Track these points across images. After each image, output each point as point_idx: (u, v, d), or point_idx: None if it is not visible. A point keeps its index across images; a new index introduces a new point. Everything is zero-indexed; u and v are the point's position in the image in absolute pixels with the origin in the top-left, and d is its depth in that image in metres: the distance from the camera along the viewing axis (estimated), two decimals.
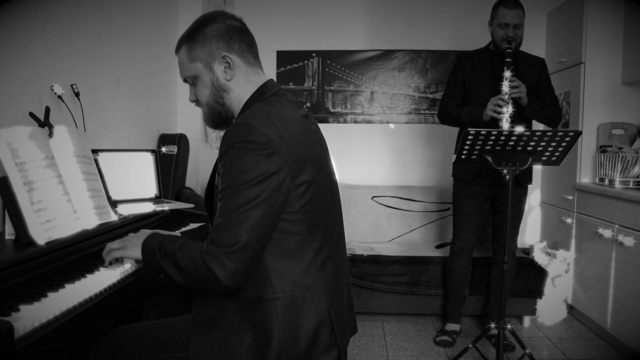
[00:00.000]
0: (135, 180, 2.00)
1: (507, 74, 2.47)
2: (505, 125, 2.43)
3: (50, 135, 1.48)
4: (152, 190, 2.06)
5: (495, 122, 2.49)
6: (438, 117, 2.86)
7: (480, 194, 2.72)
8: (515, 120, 2.50)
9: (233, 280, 1.12)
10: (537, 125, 2.87)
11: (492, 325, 2.38)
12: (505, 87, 2.46)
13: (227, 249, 1.10)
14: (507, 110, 2.44)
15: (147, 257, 1.24)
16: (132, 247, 1.29)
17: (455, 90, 2.75)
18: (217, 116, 1.33)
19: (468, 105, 2.71)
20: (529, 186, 2.78)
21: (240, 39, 1.28)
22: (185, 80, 1.34)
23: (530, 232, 3.79)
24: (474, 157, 2.22)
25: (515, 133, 2.07)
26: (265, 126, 1.15)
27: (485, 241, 3.27)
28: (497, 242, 2.79)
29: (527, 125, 2.61)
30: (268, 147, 1.13)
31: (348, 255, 1.42)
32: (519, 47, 2.62)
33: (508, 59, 2.48)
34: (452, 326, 2.87)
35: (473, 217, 2.76)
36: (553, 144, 2.11)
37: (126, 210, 1.76)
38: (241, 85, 1.29)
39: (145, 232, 1.35)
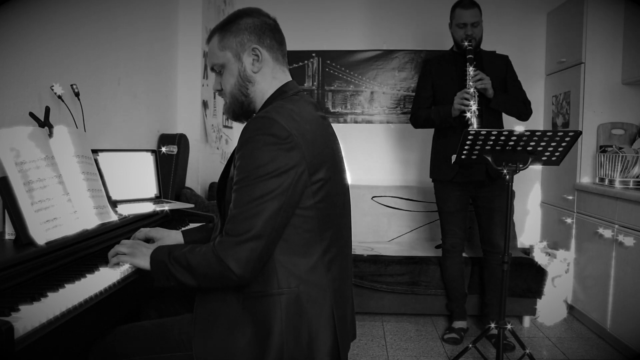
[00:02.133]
0: (135, 180, 2.00)
1: (470, 69, 2.55)
2: (474, 119, 2.50)
3: (50, 135, 1.48)
4: (152, 190, 2.06)
5: (463, 117, 2.55)
6: (410, 120, 2.91)
7: (460, 192, 2.77)
8: (484, 113, 2.57)
9: (246, 271, 1.12)
10: (509, 120, 2.87)
11: (492, 325, 2.38)
12: (470, 81, 2.54)
13: (240, 237, 1.11)
14: (474, 104, 2.52)
15: (156, 267, 1.24)
16: (141, 256, 1.29)
17: (425, 93, 2.81)
18: (239, 107, 1.33)
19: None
20: (527, 185, 2.79)
21: (272, 35, 1.31)
22: (212, 69, 1.36)
23: (530, 232, 3.79)
24: (474, 157, 2.22)
25: (515, 133, 2.07)
26: (286, 121, 1.16)
27: (473, 241, 3.27)
28: (486, 242, 2.80)
29: (496, 118, 2.69)
30: (288, 142, 1.14)
31: None
32: (479, 45, 2.70)
33: (470, 56, 2.57)
34: (459, 324, 2.89)
35: (458, 214, 2.80)
36: (553, 144, 2.11)
37: (126, 210, 1.76)
38: (267, 80, 1.31)
39: (142, 234, 1.38)
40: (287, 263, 1.19)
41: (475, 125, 2.48)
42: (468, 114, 2.50)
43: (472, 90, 2.52)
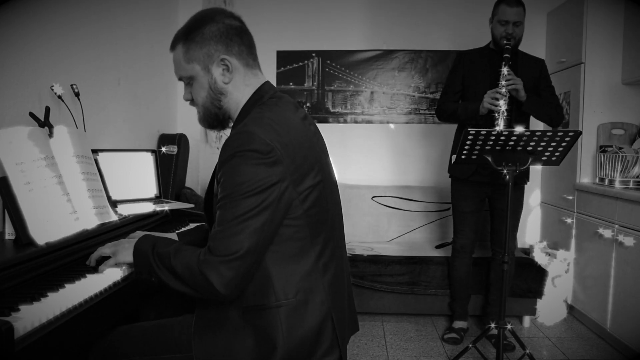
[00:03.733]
0: (135, 180, 2.00)
1: (505, 69, 2.50)
2: (501, 120, 2.45)
3: (50, 135, 1.48)
4: (152, 190, 2.06)
5: (491, 116, 2.50)
6: (436, 112, 2.88)
7: (477, 192, 2.74)
8: (513, 116, 2.53)
9: (229, 289, 1.10)
10: (538, 124, 2.87)
11: (492, 325, 2.38)
12: (502, 80, 2.49)
13: (224, 258, 1.08)
14: (504, 104, 2.47)
15: (139, 259, 1.22)
16: (124, 251, 1.27)
17: (454, 87, 2.77)
18: (213, 118, 1.30)
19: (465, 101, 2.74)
20: (527, 185, 2.79)
21: (240, 40, 1.24)
22: (180, 79, 1.30)
23: (530, 232, 3.79)
24: (474, 157, 2.22)
25: (515, 133, 2.07)
26: (267, 134, 1.12)
27: (485, 241, 3.27)
28: (496, 243, 2.79)
29: (525, 122, 2.64)
30: (271, 156, 1.11)
31: (348, 255, 1.42)
32: (517, 45, 2.64)
33: (506, 55, 2.51)
34: (459, 324, 2.89)
35: (472, 215, 2.77)
36: (553, 144, 2.11)
37: (126, 210, 1.76)
38: (240, 89, 1.26)
39: (137, 235, 1.36)
40: (282, 273, 1.18)
41: (501, 126, 2.44)
42: (496, 114, 2.46)
43: (503, 90, 2.48)
